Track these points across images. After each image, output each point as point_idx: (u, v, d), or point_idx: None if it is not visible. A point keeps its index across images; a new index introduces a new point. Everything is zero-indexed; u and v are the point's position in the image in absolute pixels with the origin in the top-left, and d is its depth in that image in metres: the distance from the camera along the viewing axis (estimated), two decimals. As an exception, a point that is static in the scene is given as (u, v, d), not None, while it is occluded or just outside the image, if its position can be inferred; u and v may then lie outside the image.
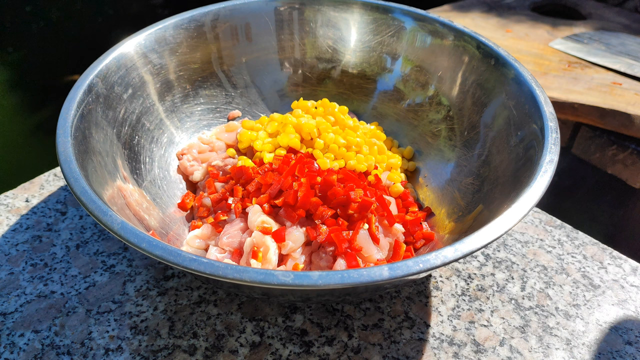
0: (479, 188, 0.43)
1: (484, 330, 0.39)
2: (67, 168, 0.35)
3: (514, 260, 0.45)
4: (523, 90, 0.42)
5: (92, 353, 0.37)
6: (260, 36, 0.56)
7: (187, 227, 0.45)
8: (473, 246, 0.30)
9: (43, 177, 0.53)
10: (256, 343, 0.38)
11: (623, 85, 0.93)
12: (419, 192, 0.49)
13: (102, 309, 0.40)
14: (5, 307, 0.40)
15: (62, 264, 0.44)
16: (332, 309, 0.40)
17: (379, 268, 0.29)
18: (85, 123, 0.40)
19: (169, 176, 0.48)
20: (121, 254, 0.45)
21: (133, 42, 0.48)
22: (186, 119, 0.53)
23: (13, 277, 0.43)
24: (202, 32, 0.53)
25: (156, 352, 0.37)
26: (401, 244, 0.41)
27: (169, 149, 0.50)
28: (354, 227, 0.38)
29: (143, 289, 0.42)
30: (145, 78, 0.49)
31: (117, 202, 0.37)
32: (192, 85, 0.54)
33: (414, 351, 0.38)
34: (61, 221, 0.48)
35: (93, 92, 0.43)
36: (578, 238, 0.48)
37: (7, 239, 0.46)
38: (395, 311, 0.40)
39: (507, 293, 0.42)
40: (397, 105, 0.55)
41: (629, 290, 0.43)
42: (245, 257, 0.38)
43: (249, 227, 0.40)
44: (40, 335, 0.38)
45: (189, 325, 0.39)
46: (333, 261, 0.38)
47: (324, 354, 0.37)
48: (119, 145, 0.44)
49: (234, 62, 0.56)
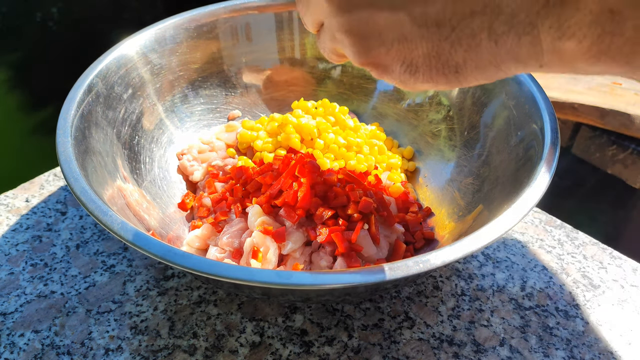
0: (479, 188, 0.43)
1: (484, 330, 0.39)
2: (67, 168, 0.35)
3: (514, 260, 0.45)
4: (523, 90, 0.42)
5: (92, 353, 0.37)
6: (260, 36, 0.56)
7: (187, 227, 0.45)
8: (473, 246, 0.30)
9: (43, 177, 0.53)
10: (256, 343, 0.38)
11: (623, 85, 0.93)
12: (419, 192, 0.49)
13: (102, 309, 0.40)
14: (5, 307, 0.40)
15: (62, 264, 0.44)
16: (332, 309, 0.40)
17: (379, 268, 0.29)
18: (85, 123, 0.40)
19: (169, 176, 0.48)
20: (121, 254, 0.45)
21: (133, 42, 0.49)
22: (186, 119, 0.53)
23: (13, 277, 0.43)
24: (202, 32, 0.53)
25: (156, 352, 0.37)
26: (401, 244, 0.41)
27: (169, 149, 0.50)
28: (354, 227, 0.38)
29: (143, 289, 0.42)
30: (145, 78, 0.49)
31: (117, 202, 0.37)
32: (192, 85, 0.54)
33: (414, 351, 0.38)
34: (61, 221, 0.48)
35: (93, 92, 0.43)
36: (578, 238, 0.48)
37: (7, 239, 0.46)
38: (395, 311, 0.40)
39: (507, 293, 0.42)
40: (397, 105, 0.55)
41: (629, 290, 0.43)
42: (245, 257, 0.38)
43: (249, 227, 0.40)
44: (40, 335, 0.38)
45: (189, 325, 0.39)
46: (333, 261, 0.38)
47: (324, 354, 0.37)
48: (119, 145, 0.44)
49: (234, 62, 0.56)
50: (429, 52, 0.24)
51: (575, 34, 0.20)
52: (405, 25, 0.24)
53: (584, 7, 0.19)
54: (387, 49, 0.25)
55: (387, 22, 0.24)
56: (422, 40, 0.24)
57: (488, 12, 0.21)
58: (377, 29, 0.24)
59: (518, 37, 0.21)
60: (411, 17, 0.23)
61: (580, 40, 0.20)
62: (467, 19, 0.22)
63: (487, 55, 0.23)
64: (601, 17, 0.19)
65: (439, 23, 0.23)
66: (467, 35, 0.22)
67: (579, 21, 0.19)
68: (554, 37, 0.20)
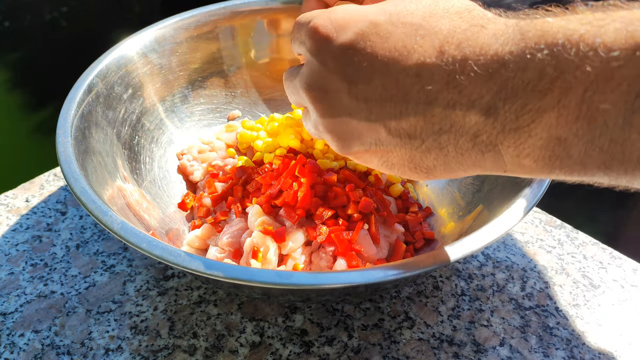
0: (479, 188, 0.43)
1: (484, 330, 0.39)
2: (67, 168, 0.35)
3: (514, 260, 0.45)
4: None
5: (92, 353, 0.37)
6: (260, 36, 0.56)
7: (187, 227, 0.45)
8: (473, 246, 0.30)
9: (43, 177, 0.53)
10: (256, 343, 0.38)
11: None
12: (419, 192, 0.49)
13: (102, 309, 0.40)
14: (5, 307, 0.40)
15: (62, 264, 0.44)
16: (332, 309, 0.40)
17: (378, 268, 0.29)
18: (85, 123, 0.40)
19: (169, 176, 0.48)
20: (121, 254, 0.45)
21: (133, 42, 0.49)
22: (186, 119, 0.53)
23: (13, 277, 0.43)
24: (202, 32, 0.53)
25: (156, 352, 0.37)
26: (401, 244, 0.41)
27: (169, 149, 0.50)
28: (354, 227, 0.38)
29: (143, 289, 0.42)
30: (145, 78, 0.49)
31: (117, 202, 0.37)
32: (192, 85, 0.54)
33: (414, 351, 0.38)
34: (61, 221, 0.48)
35: (93, 92, 0.43)
36: (578, 238, 0.48)
37: (7, 239, 0.46)
38: (395, 311, 0.40)
39: (507, 293, 0.42)
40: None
41: (629, 290, 0.43)
42: (245, 257, 0.38)
43: (249, 227, 0.40)
44: (40, 335, 0.38)
45: (189, 325, 0.39)
46: (333, 261, 0.38)
47: (324, 354, 0.37)
48: (119, 145, 0.44)
49: (234, 62, 0.56)
50: (403, 156, 0.27)
51: (529, 155, 0.22)
52: (381, 134, 0.26)
53: (534, 134, 0.22)
54: (366, 149, 0.28)
55: (365, 130, 0.27)
56: (396, 147, 0.27)
57: (454, 131, 0.24)
58: (356, 134, 0.27)
59: (482, 152, 0.24)
60: (386, 129, 0.26)
61: (535, 160, 0.22)
62: (435, 135, 0.25)
63: (455, 164, 0.26)
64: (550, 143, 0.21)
65: (411, 136, 0.26)
66: (436, 148, 0.25)
67: (531, 145, 0.22)
68: (512, 155, 0.23)
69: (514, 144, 0.22)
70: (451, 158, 0.25)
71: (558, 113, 0.21)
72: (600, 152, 0.20)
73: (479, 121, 0.23)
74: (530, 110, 0.21)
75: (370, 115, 0.26)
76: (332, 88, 0.27)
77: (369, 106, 0.26)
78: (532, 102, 0.21)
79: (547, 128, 0.21)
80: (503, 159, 0.23)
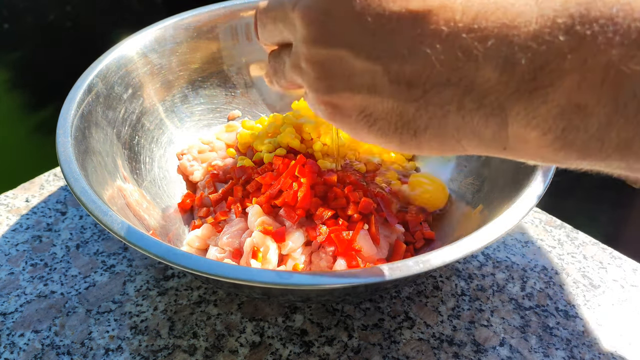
0: (479, 188, 0.43)
1: (484, 330, 0.39)
2: (67, 168, 0.35)
3: (514, 260, 0.45)
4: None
5: (92, 353, 0.37)
6: (260, 36, 0.56)
7: (187, 227, 0.45)
8: (473, 246, 0.30)
9: (43, 177, 0.53)
10: (256, 343, 0.38)
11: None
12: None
13: (102, 309, 0.40)
14: (5, 307, 0.40)
15: (62, 264, 0.44)
16: (332, 309, 0.40)
17: (379, 268, 0.29)
18: (85, 123, 0.40)
19: (169, 176, 0.48)
20: (121, 254, 0.45)
21: (133, 42, 0.49)
22: (186, 119, 0.53)
23: (13, 277, 0.43)
24: (202, 32, 0.53)
25: (156, 352, 0.37)
26: (401, 244, 0.41)
27: (169, 149, 0.50)
28: (354, 227, 0.38)
29: (143, 289, 0.42)
30: (145, 78, 0.49)
31: (117, 202, 0.37)
32: (192, 85, 0.54)
33: (414, 351, 0.38)
34: (61, 221, 0.48)
35: (93, 92, 0.43)
36: (578, 238, 0.48)
37: (7, 239, 0.46)
38: (395, 311, 0.40)
39: (507, 293, 0.42)
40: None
41: (629, 290, 0.43)
42: (245, 257, 0.38)
43: (249, 227, 0.40)
44: (40, 335, 0.38)
45: (189, 325, 0.39)
46: (333, 261, 0.38)
47: (324, 354, 0.37)
48: (119, 145, 0.44)
49: (234, 62, 0.56)
50: (393, 109, 0.23)
51: (539, 125, 0.20)
52: (378, 77, 0.23)
53: (550, 100, 0.19)
54: (352, 95, 0.24)
55: (360, 69, 0.23)
56: (389, 97, 0.23)
57: (462, 86, 0.21)
58: (347, 72, 0.24)
59: (486, 117, 0.21)
60: (386, 71, 0.23)
61: (545, 132, 0.20)
62: (440, 87, 0.22)
63: (451, 128, 0.22)
64: (566, 111, 0.19)
65: (412, 84, 0.22)
66: (435, 103, 0.22)
67: (544, 113, 0.20)
68: (520, 124, 0.20)
69: (525, 111, 0.20)
70: (450, 120, 0.22)
71: (581, 76, 0.18)
72: (626, 123, 0.18)
73: (492, 77, 0.20)
74: (551, 70, 0.19)
75: (373, 51, 0.22)
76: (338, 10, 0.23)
77: (374, 40, 0.22)
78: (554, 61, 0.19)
79: (566, 93, 0.19)
80: (507, 129, 0.21)
